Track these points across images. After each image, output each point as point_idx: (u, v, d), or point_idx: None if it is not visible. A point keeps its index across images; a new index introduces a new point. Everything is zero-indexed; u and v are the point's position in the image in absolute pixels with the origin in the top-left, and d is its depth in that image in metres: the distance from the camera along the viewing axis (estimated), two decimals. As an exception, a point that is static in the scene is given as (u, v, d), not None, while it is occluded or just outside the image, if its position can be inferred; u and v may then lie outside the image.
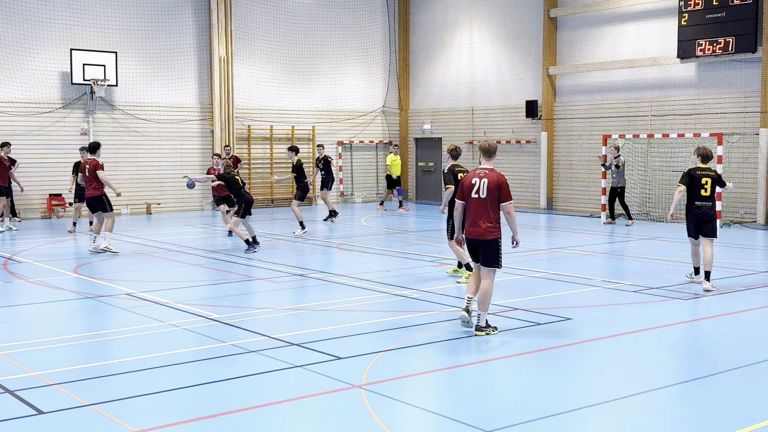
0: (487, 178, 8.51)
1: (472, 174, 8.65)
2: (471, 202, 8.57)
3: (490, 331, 8.52)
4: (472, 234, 8.60)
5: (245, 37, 25.21)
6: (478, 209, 8.52)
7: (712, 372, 7.29)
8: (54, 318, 9.99)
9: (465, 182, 8.64)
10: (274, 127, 25.95)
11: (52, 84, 22.07)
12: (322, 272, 12.84)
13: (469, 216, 8.62)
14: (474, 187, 8.54)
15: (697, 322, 9.51)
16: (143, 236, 17.81)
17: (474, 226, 8.55)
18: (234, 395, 6.70)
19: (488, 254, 8.56)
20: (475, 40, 26.48)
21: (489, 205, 8.48)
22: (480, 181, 8.51)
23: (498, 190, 8.47)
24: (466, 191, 8.63)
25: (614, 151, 19.94)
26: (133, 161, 23.47)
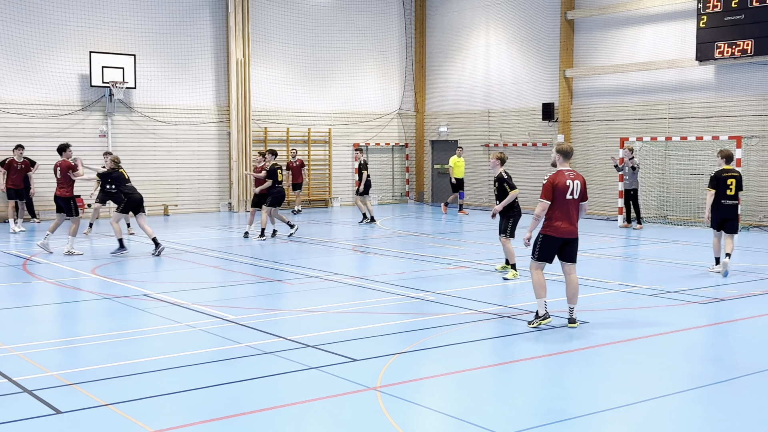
0: (579, 179, 9.04)
1: (563, 176, 8.95)
2: (566, 204, 8.93)
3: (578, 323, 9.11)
4: (567, 233, 8.99)
5: (262, 39, 25.32)
6: (572, 209, 8.98)
7: (729, 377, 7.24)
8: (72, 318, 10.08)
9: (560, 184, 8.90)
10: (291, 129, 26.04)
11: (72, 86, 22.27)
12: (337, 274, 12.86)
13: (564, 216, 8.93)
14: (569, 188, 8.92)
15: (715, 327, 9.45)
16: (160, 237, 17.88)
17: (571, 225, 8.99)
18: (249, 396, 6.74)
19: (576, 250, 9.16)
20: (492, 43, 26.45)
21: (577, 204, 9.05)
22: (573, 182, 8.95)
23: (584, 190, 9.08)
24: (560, 193, 8.91)
25: (629, 153, 19.84)
26: (151, 163, 23.62)
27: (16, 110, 21.44)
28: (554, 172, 9.08)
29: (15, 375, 7.13)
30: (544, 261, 9.09)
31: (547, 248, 9.03)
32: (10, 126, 21.35)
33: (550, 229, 8.98)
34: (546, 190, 8.91)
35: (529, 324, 9.03)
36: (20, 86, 21.48)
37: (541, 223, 9.09)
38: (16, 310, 10.36)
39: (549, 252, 9.06)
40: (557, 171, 9.07)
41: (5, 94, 21.28)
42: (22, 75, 21.49)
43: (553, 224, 8.95)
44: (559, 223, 8.94)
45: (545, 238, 9.02)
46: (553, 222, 8.95)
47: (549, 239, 9.00)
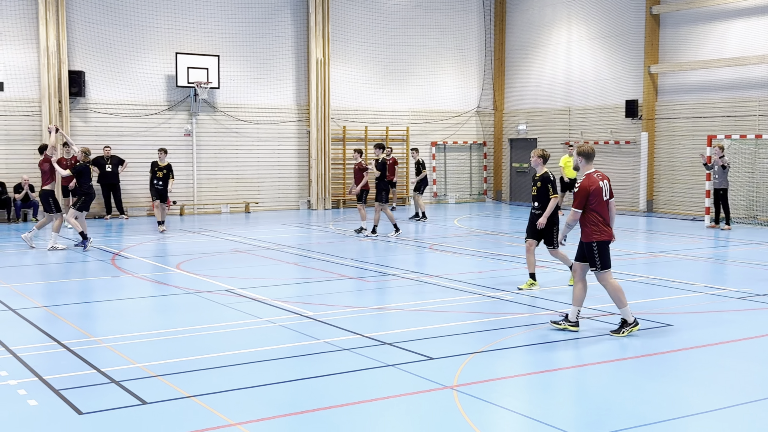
0: (607, 179, 8.81)
1: (594, 179, 8.65)
2: (605, 206, 8.70)
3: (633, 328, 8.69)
4: (611, 235, 8.75)
5: (342, 39, 25.55)
6: (610, 211, 8.80)
7: (822, 384, 6.95)
8: (157, 312, 10.41)
9: (594, 187, 8.59)
10: (369, 127, 26.20)
11: (159, 86, 22.95)
12: (414, 272, 12.89)
13: (608, 218, 8.72)
14: (603, 190, 8.68)
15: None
16: (242, 234, 18.30)
17: (612, 227, 8.77)
18: (327, 392, 6.82)
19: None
20: (573, 39, 26.01)
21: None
22: (604, 183, 8.73)
23: (611, 188, 8.83)
24: (598, 196, 8.61)
25: (719, 151, 19.19)
26: (233, 161, 24.15)
27: (106, 110, 22.24)
28: (583, 177, 8.71)
29: (103, 366, 7.41)
30: (609, 267, 8.72)
31: (607, 253, 8.70)
32: (100, 125, 22.15)
33: (604, 234, 8.63)
34: (580, 197, 8.61)
35: (613, 333, 8.65)
36: (110, 87, 22.26)
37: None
38: (104, 304, 10.75)
39: (608, 256, 8.72)
40: (587, 175, 8.70)
41: (96, 94, 22.09)
42: (111, 76, 22.26)
43: (604, 228, 8.63)
44: (609, 228, 8.71)
45: (600, 245, 8.64)
46: (604, 226, 8.63)
47: (605, 244, 8.67)
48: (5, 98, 20.90)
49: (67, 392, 6.63)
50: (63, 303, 10.56)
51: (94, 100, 22.08)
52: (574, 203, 8.65)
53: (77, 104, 21.78)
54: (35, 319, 9.38)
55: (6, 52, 20.84)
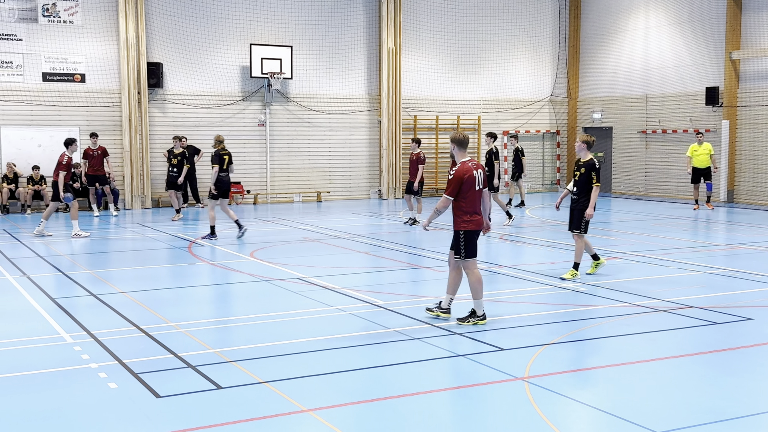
0: (480, 168, 8.70)
1: (469, 167, 8.59)
2: (476, 195, 8.64)
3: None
4: (480, 225, 8.73)
5: (413, 28, 25.49)
6: (481, 199, 8.75)
7: None
8: (232, 299, 10.63)
9: (468, 175, 8.53)
10: (440, 117, 26.10)
11: (233, 77, 23.34)
12: (486, 263, 12.80)
13: (477, 208, 8.67)
14: (476, 179, 8.62)
15: None
16: (314, 223, 18.50)
17: (481, 217, 8.74)
18: (397, 381, 6.85)
19: None
20: (651, 25, 25.33)
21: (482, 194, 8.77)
22: (477, 172, 8.64)
23: (485, 178, 8.78)
24: (471, 185, 8.57)
25: None
26: (305, 151, 24.40)
27: (183, 101, 22.74)
28: (458, 165, 8.60)
29: (180, 351, 7.60)
30: (473, 256, 8.69)
31: (473, 243, 8.69)
32: (178, 116, 22.67)
33: (470, 223, 8.62)
34: (453, 185, 8.56)
35: (459, 320, 8.63)
36: (186, 78, 22.74)
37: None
38: (181, 290, 11.03)
39: (475, 246, 8.71)
40: (462, 163, 8.61)
41: (173, 85, 22.61)
42: (188, 67, 22.74)
43: (472, 218, 8.63)
44: (477, 217, 8.66)
45: (468, 234, 8.62)
46: (471, 216, 8.63)
47: (472, 234, 8.65)
48: (87, 90, 21.59)
49: (146, 376, 6.84)
50: (142, 289, 10.88)
51: (172, 91, 22.60)
52: (447, 190, 8.62)
53: (155, 95, 22.34)
54: (115, 304, 9.69)
55: (88, 44, 21.50)
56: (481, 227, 8.74)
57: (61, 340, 8.07)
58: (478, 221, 8.67)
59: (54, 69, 21.23)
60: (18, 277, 11.51)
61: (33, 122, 21.10)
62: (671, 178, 24.83)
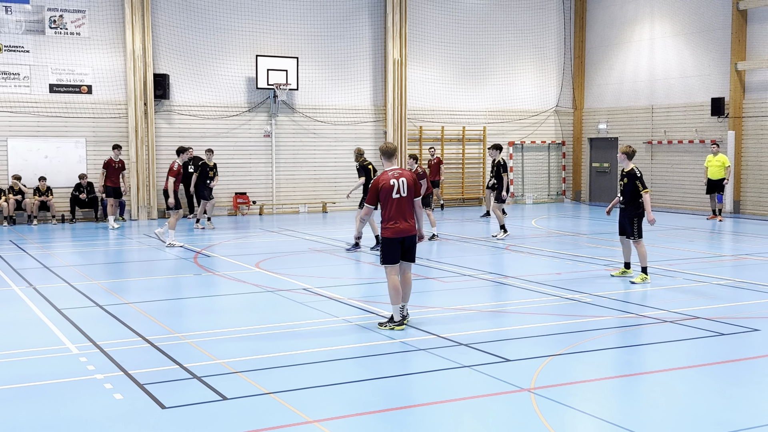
0: (405, 176, 8.92)
1: (387, 176, 8.89)
2: (394, 203, 8.84)
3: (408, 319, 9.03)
4: (403, 231, 8.87)
5: (419, 39, 25.56)
6: (403, 207, 8.88)
7: None
8: (237, 310, 10.62)
9: (383, 184, 8.86)
10: (446, 127, 26.12)
11: (239, 88, 23.43)
12: (491, 273, 12.79)
13: (397, 216, 8.85)
14: (394, 188, 8.84)
15: None
16: (319, 234, 18.50)
17: (403, 224, 8.88)
18: (403, 392, 6.83)
19: (414, 248, 9.06)
20: (657, 36, 25.35)
21: (409, 201, 8.93)
22: (398, 181, 8.86)
23: (414, 186, 8.96)
24: (387, 193, 8.83)
25: None
26: (311, 161, 24.44)
27: (189, 112, 22.82)
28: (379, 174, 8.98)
29: (186, 362, 7.60)
30: (393, 263, 8.92)
31: (390, 250, 8.90)
32: (184, 127, 22.75)
33: (387, 230, 8.87)
34: (370, 194, 8.93)
35: (380, 325, 8.92)
36: (192, 89, 22.83)
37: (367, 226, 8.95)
38: (187, 301, 11.03)
39: (394, 253, 8.92)
40: (383, 172, 8.97)
41: (179, 97, 22.69)
42: (194, 79, 22.83)
43: (389, 225, 8.88)
44: (395, 224, 8.86)
45: (386, 241, 8.92)
46: (388, 223, 8.88)
47: (389, 241, 8.90)
48: (93, 101, 21.68)
49: (151, 387, 6.83)
50: (147, 300, 10.89)
51: (178, 103, 22.68)
52: (366, 199, 9.03)
53: (161, 106, 22.43)
54: (121, 315, 9.70)
55: (94, 56, 21.61)
56: (401, 235, 8.88)
57: (67, 351, 8.08)
58: (395, 229, 8.88)
59: (61, 80, 21.34)
60: (24, 288, 11.53)
61: (40, 133, 21.19)
62: (677, 188, 24.79)
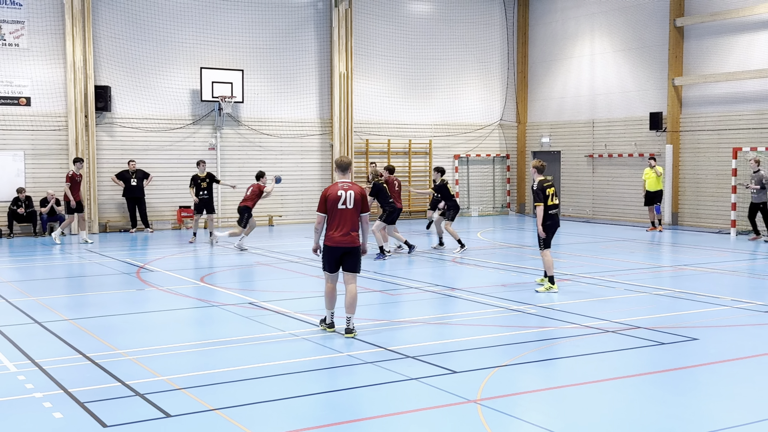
0: (354, 190, 9.22)
1: (336, 187, 9.22)
2: (339, 214, 9.14)
3: (355, 334, 9.15)
4: (343, 243, 9.14)
5: (365, 52, 25.66)
6: (347, 219, 9.15)
7: None
8: (181, 325, 10.46)
9: (331, 195, 9.17)
10: (392, 141, 26.24)
11: (183, 101, 23.17)
12: (437, 285, 12.85)
13: (339, 226, 9.14)
14: (341, 198, 9.14)
15: (837, 347, 8.92)
16: (266, 247, 18.36)
17: (345, 235, 9.14)
18: (349, 406, 6.81)
19: (357, 260, 9.29)
20: (597, 52, 25.92)
21: (355, 214, 9.19)
22: (346, 193, 9.16)
23: (362, 201, 9.23)
24: (332, 203, 9.15)
25: (754, 165, 19.14)
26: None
27: (131, 124, 22.47)
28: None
29: (128, 379, 7.45)
30: (331, 271, 9.29)
31: (328, 258, 9.25)
32: (126, 140, 22.38)
33: (327, 239, 9.19)
34: (319, 202, 9.26)
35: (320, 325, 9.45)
36: (135, 101, 22.48)
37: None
38: (129, 316, 10.82)
39: (331, 262, 9.25)
40: (333, 183, 9.35)
41: (121, 109, 22.33)
42: (137, 91, 22.49)
43: (329, 234, 9.18)
44: (334, 233, 9.15)
45: (325, 249, 9.27)
46: (329, 232, 9.19)
47: (327, 249, 9.22)
48: (32, 113, 21.19)
49: (92, 405, 6.68)
50: (88, 316, 10.65)
51: (120, 115, 22.32)
52: (318, 207, 9.32)
53: (103, 119, 22.03)
54: (60, 332, 9.46)
55: (33, 67, 21.13)
56: (340, 245, 9.11)
57: (5, 369, 7.84)
58: (334, 238, 9.13)
59: (-2, 92, 20.81)
60: (-41, 305, 11.17)
61: (-24, 146, 20.60)
62: (618, 201, 25.32)
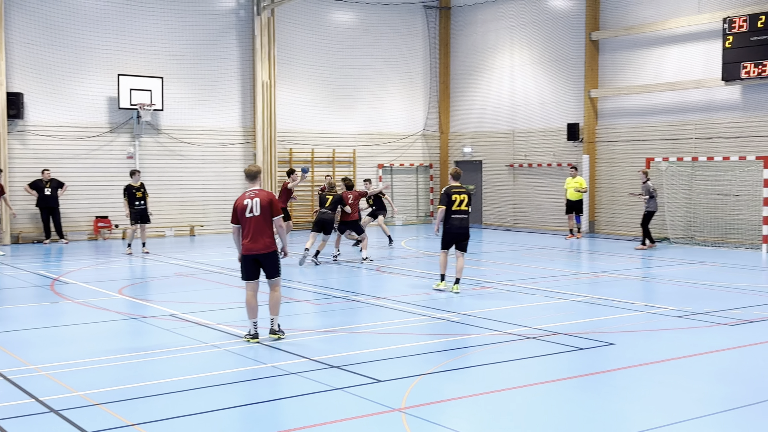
0: (260, 197, 9.33)
1: (242, 197, 9.38)
2: (248, 222, 9.29)
3: (281, 335, 9.42)
4: (254, 250, 9.31)
5: (288, 61, 25.55)
6: (256, 226, 9.28)
7: (757, 400, 7.12)
8: (98, 338, 10.16)
9: (238, 205, 9.33)
10: (316, 150, 26.18)
11: (100, 108, 22.58)
12: (362, 294, 12.86)
13: (249, 234, 9.30)
14: (247, 207, 9.29)
15: (743, 349, 9.30)
16: (187, 258, 18.04)
17: (255, 243, 9.29)
18: (275, 417, 6.73)
19: (273, 266, 9.43)
20: (516, 63, 26.48)
21: (264, 221, 9.29)
22: (252, 201, 9.30)
23: (269, 206, 9.34)
24: (240, 213, 9.31)
25: (642, 176, 19.87)
26: (177, 184, 23.85)
27: (45, 132, 21.77)
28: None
29: (42, 395, 7.19)
30: (248, 280, 9.45)
31: (244, 266, 9.43)
32: (39, 148, 21.68)
33: (243, 248, 9.39)
34: (232, 214, 9.47)
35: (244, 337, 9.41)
36: (49, 109, 21.81)
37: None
38: (43, 330, 10.46)
39: (247, 270, 9.41)
40: (242, 194, 9.47)
41: (35, 116, 21.62)
42: (51, 98, 21.83)
43: (242, 243, 9.36)
44: (246, 242, 9.32)
45: (241, 258, 9.45)
46: (243, 241, 9.36)
47: (242, 257, 9.42)
48: (-60, 120, 20.31)
49: (4, 422, 6.41)
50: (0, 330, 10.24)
51: (33, 123, 21.61)
52: (231, 219, 9.50)
53: (15, 126, 21.29)
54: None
55: (-59, 72, 20.28)
56: (252, 252, 9.25)
57: None
58: (247, 247, 9.28)
59: None
60: None
61: None
62: (537, 210, 25.88)
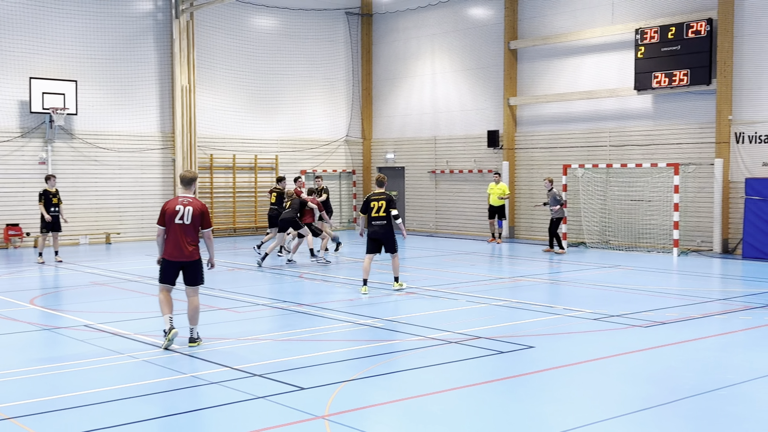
0: (193, 206, 9.36)
1: (175, 202, 9.40)
2: (175, 228, 9.30)
3: (200, 341, 9.45)
4: (178, 257, 9.34)
5: (208, 66, 25.19)
6: (183, 234, 9.31)
7: (671, 399, 7.37)
8: (9, 350, 9.77)
9: (168, 209, 9.34)
10: (237, 156, 25.88)
11: (11, 112, 21.78)
12: (285, 301, 12.76)
13: (174, 240, 9.33)
14: (178, 213, 9.30)
15: (657, 350, 9.62)
16: (102, 266, 17.55)
17: (182, 250, 9.33)
18: (195, 428, 6.60)
19: (195, 274, 9.47)
20: (437, 71, 26.78)
21: (193, 230, 9.33)
22: (184, 208, 9.32)
23: (201, 217, 9.37)
24: (169, 218, 9.32)
25: (547, 184, 20.40)
26: (93, 190, 23.19)
27: (-48, 136, 20.88)
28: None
29: (-52, 410, 6.87)
30: (164, 283, 9.47)
31: (164, 270, 9.47)
32: (-55, 152, 20.77)
33: (165, 252, 9.46)
34: (159, 215, 9.48)
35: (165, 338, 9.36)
36: (-43, 112, 20.94)
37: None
38: (-51, 343, 10.00)
39: (167, 274, 9.45)
40: (173, 198, 9.64)
41: (-59, 119, 20.72)
42: (-42, 100, 20.96)
43: (166, 248, 9.40)
44: (169, 247, 9.37)
45: (162, 261, 9.50)
46: (166, 246, 9.40)
47: (164, 262, 9.47)
48: None
49: None
50: None
51: (-61, 126, 20.69)
52: (157, 220, 9.51)
53: None
54: None
55: None
56: (174, 258, 9.26)
57: None
58: (171, 252, 9.29)
59: None
60: None
61: None
62: (459, 215, 26.21)
